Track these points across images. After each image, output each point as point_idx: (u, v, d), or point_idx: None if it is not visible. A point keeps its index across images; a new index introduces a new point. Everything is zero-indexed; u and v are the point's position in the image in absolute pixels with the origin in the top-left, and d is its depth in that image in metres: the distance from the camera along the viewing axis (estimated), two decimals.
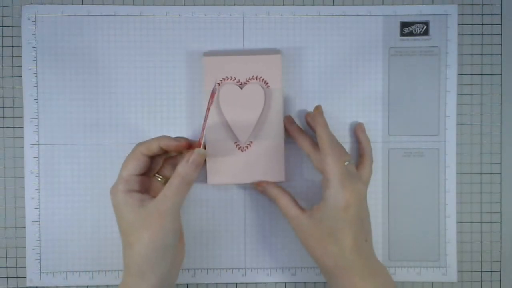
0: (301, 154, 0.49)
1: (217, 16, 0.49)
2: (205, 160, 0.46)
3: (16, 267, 0.50)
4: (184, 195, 0.41)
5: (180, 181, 0.41)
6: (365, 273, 0.41)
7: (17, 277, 0.49)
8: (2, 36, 0.49)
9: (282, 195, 0.45)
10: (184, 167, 0.41)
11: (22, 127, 0.49)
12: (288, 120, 0.48)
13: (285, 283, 0.50)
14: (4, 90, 0.49)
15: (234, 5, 0.49)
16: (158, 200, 0.41)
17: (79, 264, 0.49)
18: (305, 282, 0.50)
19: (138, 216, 0.40)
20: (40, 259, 0.49)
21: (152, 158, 0.44)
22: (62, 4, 0.49)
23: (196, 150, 0.41)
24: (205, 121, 0.43)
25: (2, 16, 0.49)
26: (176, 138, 0.43)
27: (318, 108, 0.45)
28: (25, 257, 0.49)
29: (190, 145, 0.44)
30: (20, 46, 0.49)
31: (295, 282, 0.50)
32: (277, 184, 0.46)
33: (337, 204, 0.40)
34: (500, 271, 0.50)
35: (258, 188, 0.47)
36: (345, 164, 0.42)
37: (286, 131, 0.47)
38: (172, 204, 0.41)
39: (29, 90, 0.49)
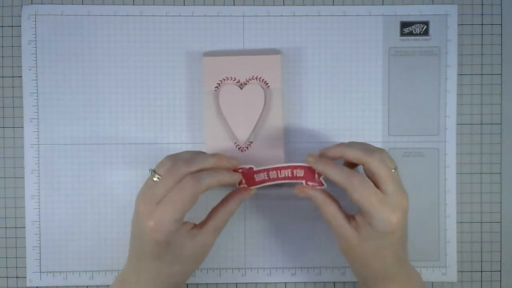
0: (301, 154, 0.49)
1: (217, 16, 0.49)
2: None
3: (16, 267, 0.50)
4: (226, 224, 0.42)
5: (229, 216, 0.42)
6: (402, 280, 0.42)
7: (17, 277, 0.49)
8: (2, 36, 0.49)
9: (329, 204, 0.41)
10: (238, 204, 0.42)
11: (22, 127, 0.49)
12: (312, 161, 0.42)
13: (285, 283, 0.50)
14: (4, 90, 0.49)
15: (234, 5, 0.49)
16: (208, 232, 0.41)
17: (79, 264, 0.49)
18: (305, 282, 0.50)
19: (187, 250, 0.40)
20: (40, 259, 0.49)
21: None
22: (62, 4, 0.49)
23: (253, 190, 0.43)
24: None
25: (2, 16, 0.49)
26: (233, 176, 0.42)
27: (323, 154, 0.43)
28: (25, 257, 0.49)
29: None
30: (20, 46, 0.49)
31: (295, 282, 0.50)
32: (322, 190, 0.42)
33: (387, 228, 0.39)
34: (500, 271, 0.50)
35: (300, 195, 0.43)
36: (393, 171, 0.40)
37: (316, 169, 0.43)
38: (219, 235, 0.42)
39: (29, 90, 0.49)
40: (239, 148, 0.47)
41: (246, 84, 0.47)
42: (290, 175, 0.43)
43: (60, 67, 0.49)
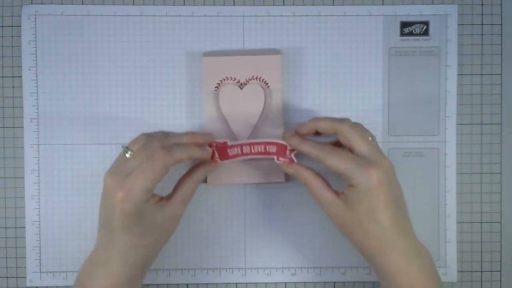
0: (301, 154, 0.49)
1: (217, 16, 0.49)
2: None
3: (16, 267, 0.50)
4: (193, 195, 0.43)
5: (196, 186, 0.43)
6: (410, 254, 0.40)
7: (17, 277, 0.49)
8: (2, 36, 0.49)
9: (314, 178, 0.42)
10: (203, 175, 0.43)
11: (22, 127, 0.49)
12: (286, 136, 0.44)
13: (285, 283, 0.50)
14: (4, 90, 0.49)
15: (234, 5, 0.49)
16: (176, 204, 0.41)
17: (79, 264, 0.49)
18: (305, 282, 0.50)
19: (156, 221, 0.40)
20: (40, 259, 0.49)
21: None
22: (62, 4, 0.49)
23: (220, 163, 0.44)
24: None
25: (2, 16, 0.49)
26: (204, 151, 0.43)
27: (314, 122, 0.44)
28: (25, 257, 0.49)
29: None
30: (20, 46, 0.49)
31: (295, 282, 0.50)
32: (308, 166, 0.43)
33: (370, 183, 0.39)
34: (500, 271, 0.50)
35: (288, 171, 0.44)
36: (369, 139, 0.41)
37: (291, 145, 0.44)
38: (186, 206, 0.42)
39: (29, 90, 0.49)
40: None
41: (246, 84, 0.47)
42: (262, 151, 0.44)
43: (60, 67, 0.49)
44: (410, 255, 0.40)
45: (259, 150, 0.44)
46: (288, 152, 0.44)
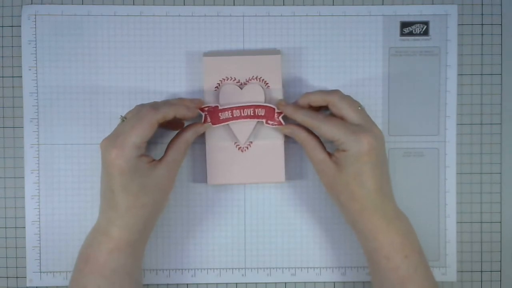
0: (301, 154, 0.49)
1: (217, 16, 0.49)
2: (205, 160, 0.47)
3: (16, 267, 0.50)
4: (185, 157, 0.45)
5: (186, 146, 0.44)
6: (390, 216, 0.43)
7: (17, 277, 0.49)
8: (2, 36, 0.49)
9: (309, 137, 0.44)
10: (192, 135, 0.45)
11: (22, 127, 0.49)
12: (281, 105, 0.46)
13: (285, 283, 0.50)
14: (4, 90, 0.49)
15: (234, 5, 0.49)
16: (167, 162, 0.43)
17: None
18: (305, 282, 0.50)
19: (151, 179, 0.42)
20: (40, 259, 0.49)
21: None
22: (62, 4, 0.49)
23: (207, 125, 0.46)
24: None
25: (2, 16, 0.49)
26: (190, 107, 0.45)
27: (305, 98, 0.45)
28: (25, 257, 0.49)
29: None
30: (20, 46, 0.49)
31: (295, 282, 0.50)
32: (305, 128, 0.45)
33: (360, 148, 0.41)
34: (500, 271, 0.50)
35: (284, 131, 0.46)
36: (358, 108, 0.43)
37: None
38: (179, 166, 0.44)
39: (29, 90, 0.49)
40: (239, 148, 0.47)
41: (246, 84, 0.47)
42: (252, 114, 0.46)
43: (60, 67, 0.49)
44: (390, 217, 0.43)
45: (249, 113, 0.46)
46: (276, 115, 0.46)
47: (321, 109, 0.47)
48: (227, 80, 0.47)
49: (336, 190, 0.43)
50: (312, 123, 0.43)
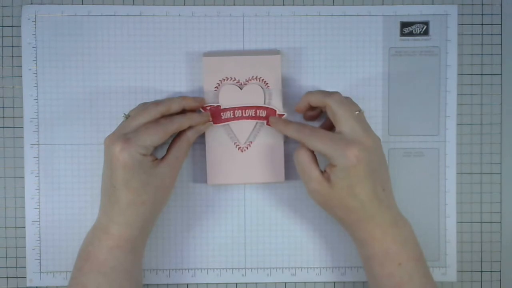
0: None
1: (217, 16, 0.49)
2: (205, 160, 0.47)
3: (16, 267, 0.50)
4: (187, 156, 0.46)
5: (188, 146, 0.45)
6: (387, 223, 0.42)
7: (17, 277, 0.50)
8: (2, 36, 0.49)
9: (305, 152, 0.43)
10: (194, 134, 0.45)
11: (22, 127, 0.49)
12: (272, 121, 0.46)
13: (285, 283, 0.50)
14: (4, 90, 0.49)
15: (234, 5, 0.49)
16: (170, 161, 0.44)
17: None
18: (305, 282, 0.50)
19: (153, 177, 0.42)
20: (40, 259, 0.49)
21: None
22: (62, 4, 0.49)
23: (208, 124, 0.46)
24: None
25: (2, 16, 0.49)
26: (196, 99, 0.46)
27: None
28: (25, 257, 0.49)
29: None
30: (20, 46, 0.49)
31: (295, 282, 0.50)
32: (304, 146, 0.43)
33: (347, 163, 0.40)
34: (500, 271, 0.50)
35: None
36: (356, 112, 0.42)
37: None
38: (181, 165, 0.45)
39: (29, 90, 0.49)
40: (239, 148, 0.47)
41: (246, 84, 0.47)
42: (253, 115, 0.47)
43: (60, 67, 0.49)
44: (386, 225, 0.42)
45: (250, 114, 0.47)
46: (277, 116, 0.47)
47: (322, 111, 0.47)
48: (227, 80, 0.47)
49: (331, 206, 0.43)
50: (299, 137, 0.43)
